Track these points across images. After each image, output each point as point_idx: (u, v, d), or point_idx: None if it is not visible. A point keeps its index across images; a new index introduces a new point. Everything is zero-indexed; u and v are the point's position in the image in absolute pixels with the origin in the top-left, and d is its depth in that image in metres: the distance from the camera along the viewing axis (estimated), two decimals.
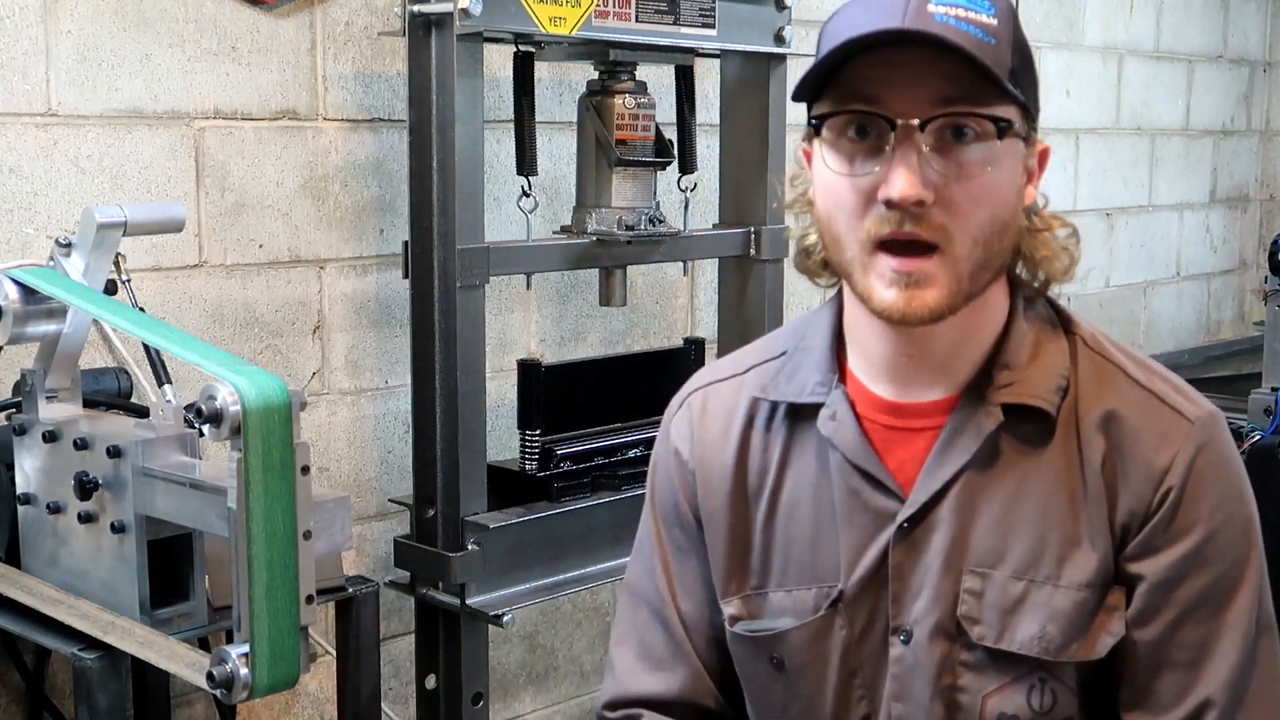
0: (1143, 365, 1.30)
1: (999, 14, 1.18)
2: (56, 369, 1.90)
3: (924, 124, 1.16)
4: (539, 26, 2.17)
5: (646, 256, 2.51)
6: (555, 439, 2.38)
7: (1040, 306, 1.32)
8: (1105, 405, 1.25)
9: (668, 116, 2.54)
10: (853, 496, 1.29)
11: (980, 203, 1.18)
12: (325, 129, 2.49)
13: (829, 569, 1.30)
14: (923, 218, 1.16)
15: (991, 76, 1.15)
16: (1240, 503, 1.26)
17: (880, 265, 1.19)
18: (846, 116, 1.19)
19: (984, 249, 1.19)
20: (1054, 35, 4.10)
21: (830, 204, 1.22)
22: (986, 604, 1.24)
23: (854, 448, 1.28)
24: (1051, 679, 1.24)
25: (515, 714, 2.96)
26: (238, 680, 1.56)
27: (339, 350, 2.56)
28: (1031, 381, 1.26)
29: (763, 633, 1.34)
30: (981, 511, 1.25)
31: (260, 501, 1.52)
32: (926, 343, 1.25)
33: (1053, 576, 1.23)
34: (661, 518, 1.43)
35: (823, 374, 1.32)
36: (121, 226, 1.86)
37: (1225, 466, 1.26)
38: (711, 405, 1.40)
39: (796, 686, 1.34)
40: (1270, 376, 3.16)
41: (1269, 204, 5.19)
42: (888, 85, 1.16)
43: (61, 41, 2.17)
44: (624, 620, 1.47)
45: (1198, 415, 1.26)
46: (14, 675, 2.21)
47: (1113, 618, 1.24)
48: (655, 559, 1.43)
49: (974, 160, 1.17)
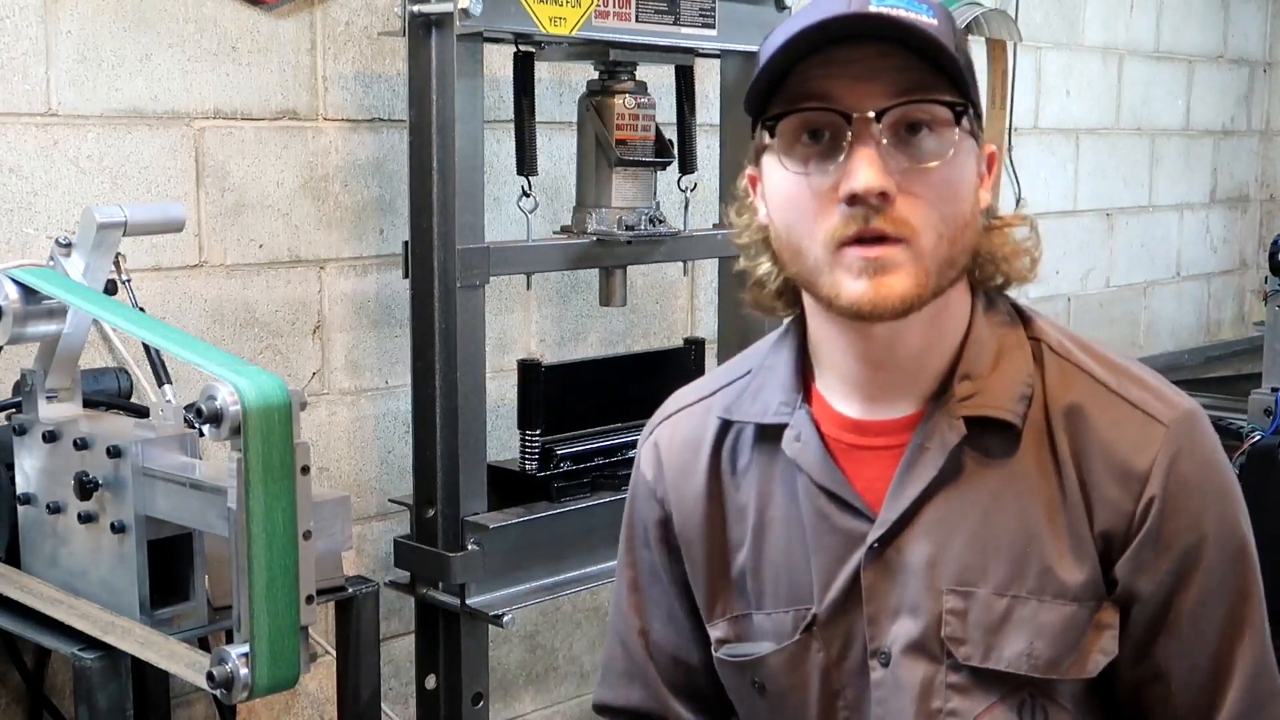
0: (1111, 366, 1.26)
1: (937, 15, 1.16)
2: (56, 369, 1.90)
3: (879, 115, 1.14)
4: (539, 26, 2.17)
5: (646, 256, 2.51)
6: (555, 439, 2.37)
7: (1001, 308, 1.29)
8: (1071, 412, 1.22)
9: (668, 116, 2.54)
10: (821, 518, 1.26)
11: (941, 195, 1.16)
12: (325, 129, 2.49)
13: (804, 592, 1.28)
14: (886, 213, 1.14)
15: (945, 59, 1.13)
16: (1228, 500, 1.22)
17: (846, 258, 1.15)
18: (799, 119, 1.16)
19: (948, 244, 1.17)
20: (1054, 35, 4.09)
21: (788, 214, 1.20)
22: (970, 623, 1.21)
23: (819, 469, 1.26)
24: (1042, 695, 1.21)
25: (515, 714, 2.96)
26: (238, 680, 1.55)
27: (339, 350, 2.56)
28: (993, 391, 1.22)
29: (743, 657, 1.33)
30: (956, 528, 1.22)
31: (260, 501, 1.52)
32: (893, 350, 1.22)
33: (1036, 591, 1.20)
34: (634, 538, 1.44)
35: (786, 394, 1.30)
36: (121, 226, 1.86)
37: (1207, 467, 1.22)
38: (680, 432, 1.40)
39: (780, 710, 1.32)
40: (1270, 377, 3.15)
41: (1269, 204, 5.19)
42: (839, 82, 1.15)
43: (61, 41, 2.17)
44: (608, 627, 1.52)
45: (1171, 417, 1.21)
46: (14, 675, 2.21)
47: (1104, 635, 1.21)
48: (625, 580, 1.45)
49: (931, 151, 1.16)
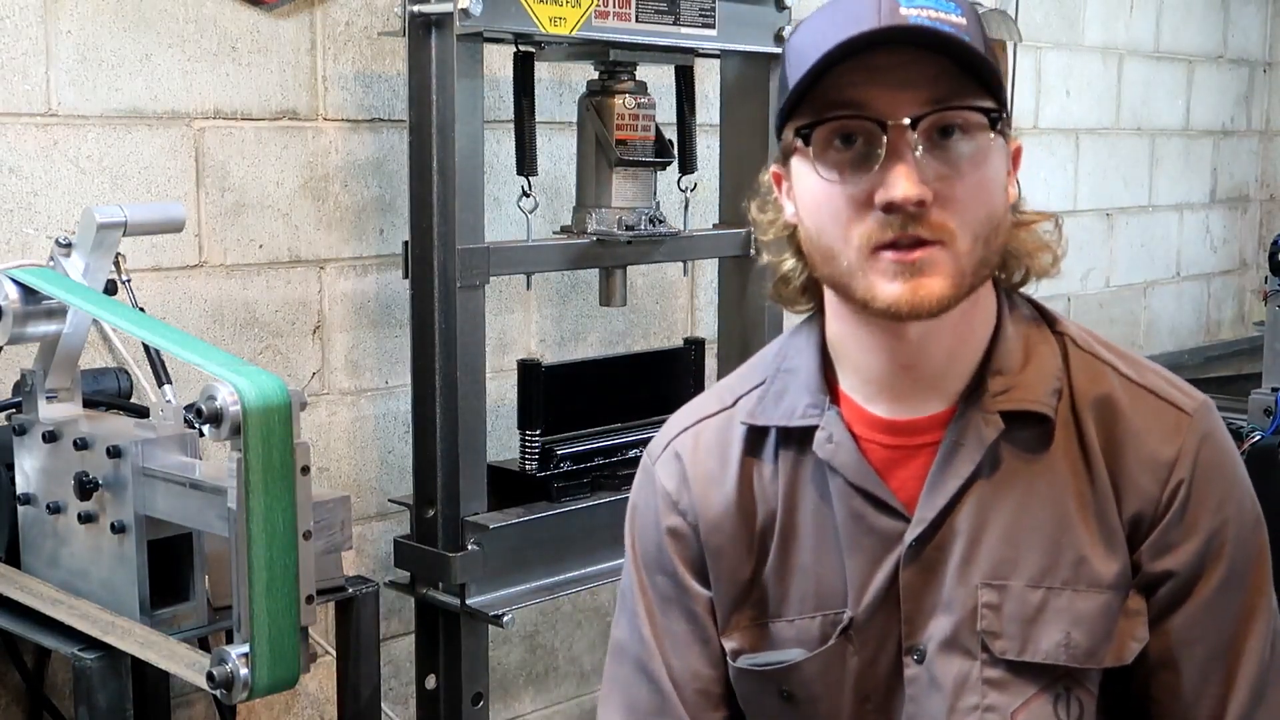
0: (1132, 362, 1.29)
1: (966, 14, 1.17)
2: (56, 369, 1.90)
3: (914, 122, 1.14)
4: (539, 26, 2.17)
5: (646, 256, 2.51)
6: (555, 439, 2.37)
7: (1023, 306, 1.30)
8: (1102, 405, 1.24)
9: (668, 116, 2.54)
10: (856, 520, 1.25)
11: (977, 198, 1.17)
12: (325, 129, 2.49)
13: (834, 596, 1.27)
14: (923, 219, 1.14)
15: (978, 68, 1.14)
16: (1244, 489, 1.26)
17: (881, 263, 1.16)
18: (832, 125, 1.16)
19: (984, 245, 1.18)
20: (1054, 35, 4.09)
21: (821, 217, 1.19)
22: (1006, 616, 1.21)
23: (854, 470, 1.25)
24: (1077, 687, 1.22)
25: (515, 714, 2.96)
26: (238, 680, 1.56)
27: (339, 350, 2.56)
28: (1028, 386, 1.24)
29: (770, 666, 1.31)
30: (990, 523, 1.23)
31: (260, 501, 1.52)
32: (924, 350, 1.23)
33: (1071, 581, 1.21)
34: (644, 567, 1.38)
35: (813, 395, 1.29)
36: (121, 226, 1.86)
37: (1228, 455, 1.26)
38: (704, 442, 1.35)
39: (810, 718, 1.30)
40: (1270, 376, 3.15)
41: (1269, 204, 5.19)
42: (872, 90, 1.15)
43: (61, 41, 2.17)
44: (609, 680, 1.41)
45: (1194, 407, 1.25)
46: (14, 675, 2.21)
47: (1135, 623, 1.22)
48: (639, 607, 1.37)
49: (966, 156, 1.16)
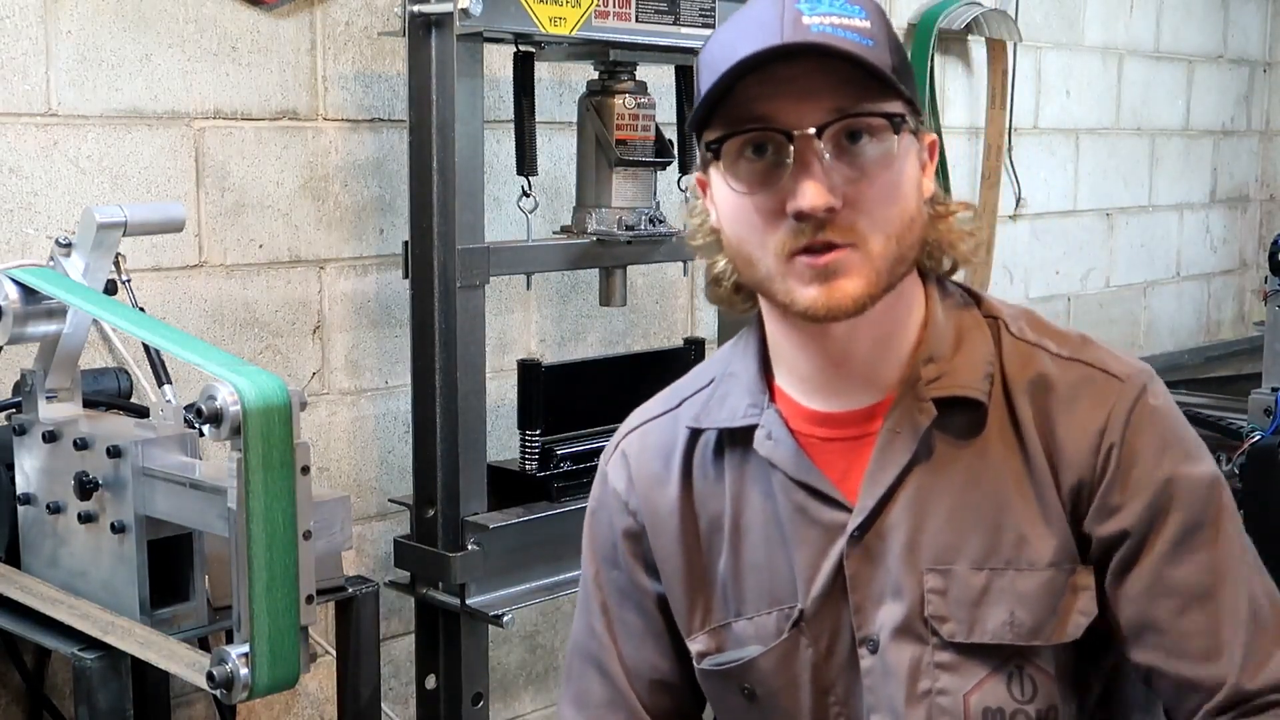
0: (1065, 337, 1.29)
1: (870, 16, 1.19)
2: (56, 369, 1.90)
3: (820, 131, 1.16)
4: (539, 26, 2.17)
5: (646, 256, 2.51)
6: (555, 439, 2.37)
7: (954, 292, 1.32)
8: (1035, 384, 1.25)
9: (668, 116, 2.54)
10: (800, 513, 1.28)
11: (886, 199, 1.19)
12: (325, 129, 2.49)
13: (786, 590, 1.29)
14: (833, 223, 1.17)
15: (880, 76, 1.16)
16: (1188, 446, 1.24)
17: (797, 268, 1.19)
18: (743, 137, 1.19)
19: (897, 243, 1.20)
20: (1054, 35, 4.10)
21: (738, 227, 1.22)
22: (952, 600, 1.23)
23: (794, 464, 1.28)
24: (1029, 665, 1.23)
25: (515, 714, 2.96)
26: (238, 680, 1.56)
27: (339, 350, 2.56)
28: (959, 371, 1.26)
29: (730, 664, 1.33)
30: (931, 509, 1.25)
31: (260, 501, 1.52)
32: (850, 347, 1.25)
33: (1013, 561, 1.23)
34: (601, 560, 1.43)
35: (753, 396, 1.32)
36: (121, 226, 1.86)
37: (1163, 414, 1.24)
38: (650, 443, 1.39)
39: (772, 714, 1.32)
40: (1270, 376, 3.15)
41: (1269, 204, 5.19)
42: (778, 101, 1.17)
43: (61, 41, 2.17)
44: (565, 675, 1.47)
45: (1126, 373, 1.25)
46: (14, 675, 2.21)
47: (1081, 597, 1.23)
48: (594, 603, 1.43)
49: (874, 159, 1.18)
